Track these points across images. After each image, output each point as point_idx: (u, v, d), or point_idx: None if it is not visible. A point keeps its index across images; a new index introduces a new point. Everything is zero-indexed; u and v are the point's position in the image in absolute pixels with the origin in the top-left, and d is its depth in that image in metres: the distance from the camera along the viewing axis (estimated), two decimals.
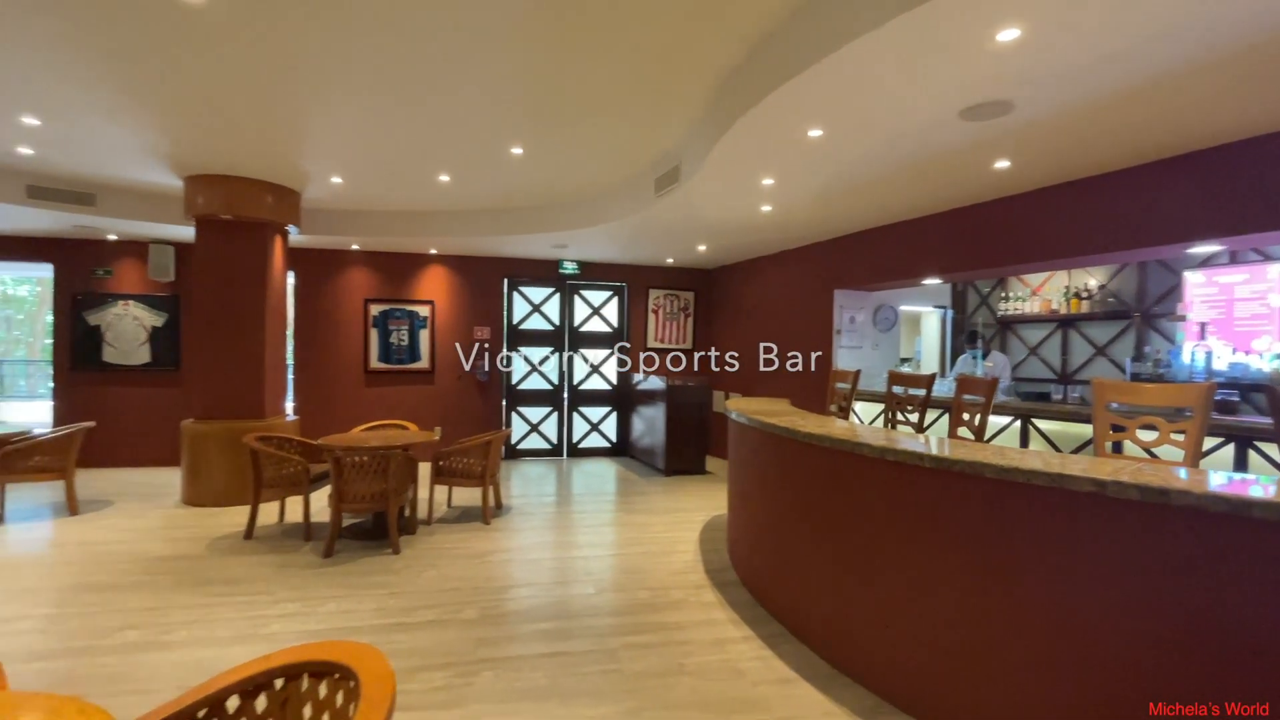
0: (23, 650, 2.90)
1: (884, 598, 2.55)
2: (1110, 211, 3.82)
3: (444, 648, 2.99)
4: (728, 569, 4.10)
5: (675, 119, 4.03)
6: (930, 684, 2.35)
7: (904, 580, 2.46)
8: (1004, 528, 2.11)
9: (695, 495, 6.13)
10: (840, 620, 2.79)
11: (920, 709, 2.38)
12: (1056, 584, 1.96)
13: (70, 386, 7.00)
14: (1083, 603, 1.89)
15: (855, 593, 2.70)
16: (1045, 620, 1.98)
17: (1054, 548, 1.97)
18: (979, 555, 2.18)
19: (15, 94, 3.71)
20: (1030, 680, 2.02)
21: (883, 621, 2.55)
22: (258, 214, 5.49)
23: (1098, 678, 1.85)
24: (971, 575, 2.20)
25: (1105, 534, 1.85)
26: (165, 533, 4.70)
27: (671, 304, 8.45)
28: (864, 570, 2.66)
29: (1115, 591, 1.83)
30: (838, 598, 2.81)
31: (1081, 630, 1.89)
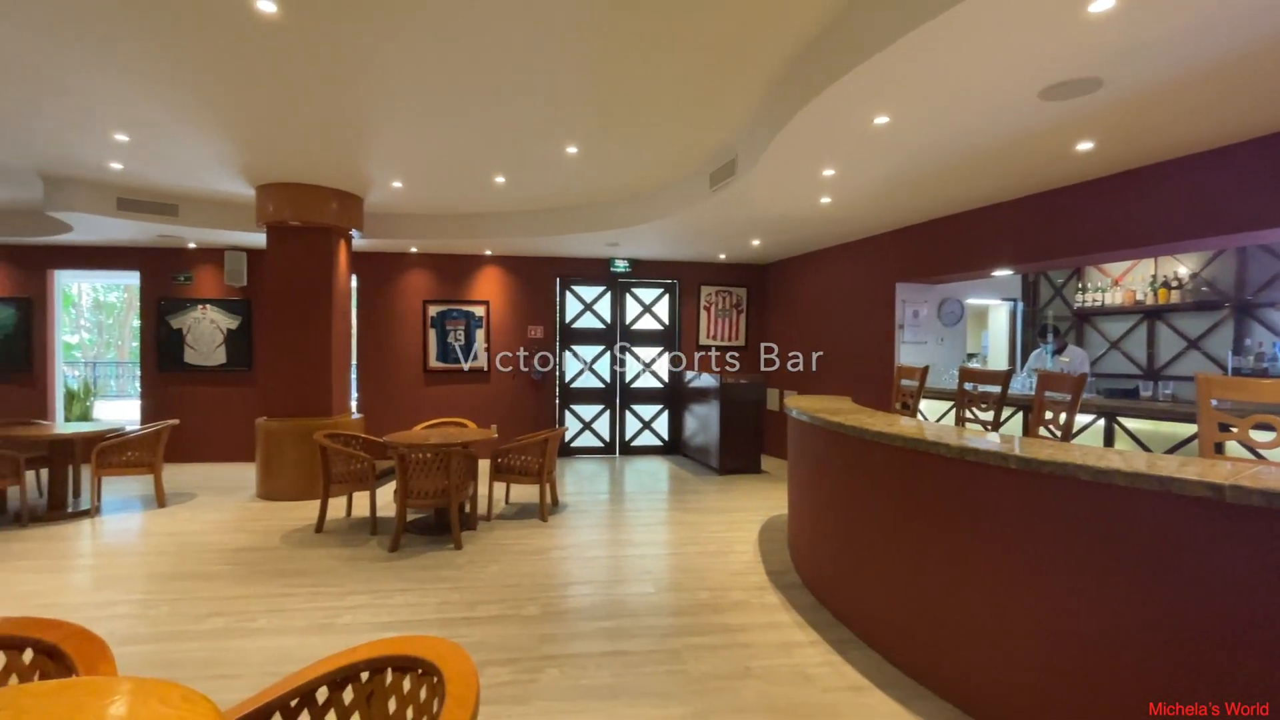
0: (122, 634, 3.08)
1: (965, 605, 2.43)
2: (1205, 194, 3.54)
3: (508, 643, 3.02)
4: (789, 571, 4.00)
5: (732, 112, 3.96)
6: (1016, 698, 2.21)
7: (987, 588, 2.33)
8: (1101, 535, 1.96)
9: (751, 495, 6.03)
10: (917, 627, 2.67)
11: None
12: (1159, 594, 1.81)
13: (156, 386, 7.45)
14: (1192, 615, 1.74)
15: (933, 599, 2.58)
16: (1143, 634, 1.84)
17: (1158, 556, 1.82)
18: (1072, 563, 2.04)
19: (108, 112, 3.95)
20: (1129, 698, 1.87)
21: (964, 630, 2.43)
22: (323, 220, 5.70)
23: (1208, 692, 1.70)
24: (1063, 584, 2.06)
25: (1222, 542, 1.70)
26: (243, 525, 4.93)
27: (724, 300, 8.35)
28: (943, 576, 2.54)
29: (1234, 603, 1.67)
30: (913, 604, 2.69)
31: (1190, 642, 1.74)
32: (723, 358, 8.36)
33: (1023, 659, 2.19)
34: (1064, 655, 2.06)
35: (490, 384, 7.93)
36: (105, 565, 4.06)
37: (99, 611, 3.34)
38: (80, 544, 4.46)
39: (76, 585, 3.73)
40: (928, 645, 2.61)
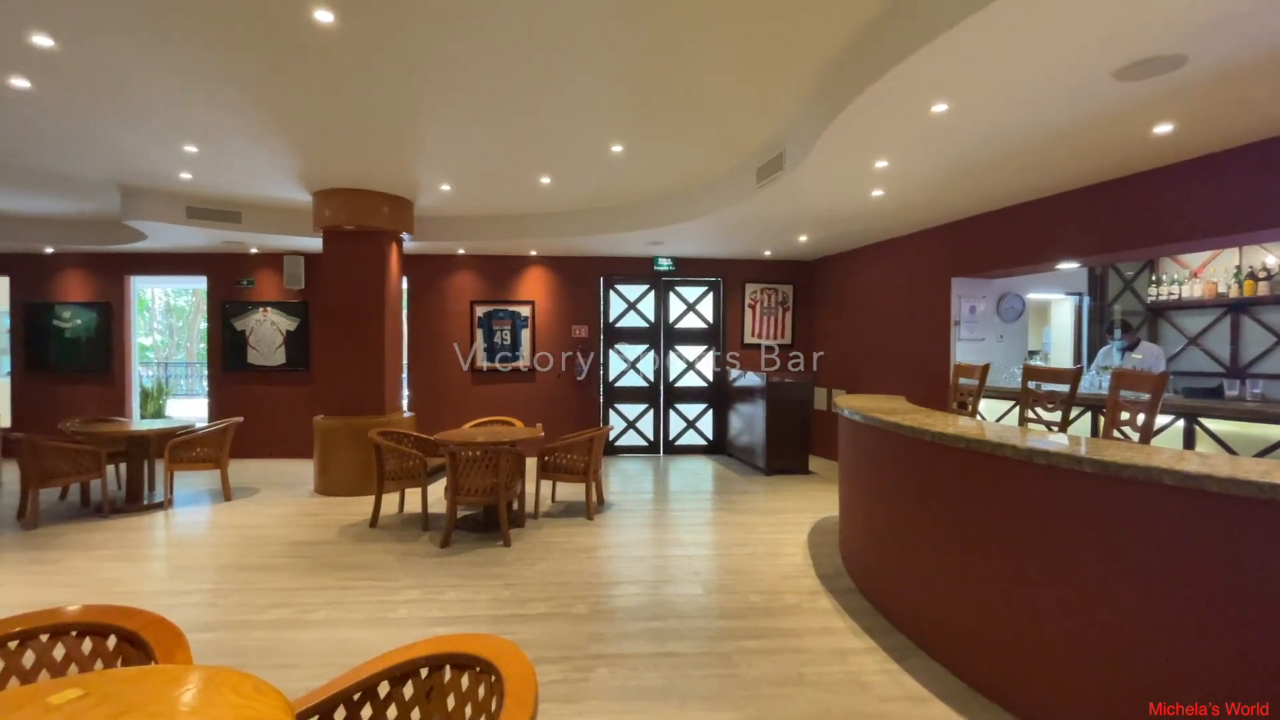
0: (193, 621, 3.23)
1: (1033, 615, 2.30)
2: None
3: (558, 641, 3.03)
4: (841, 574, 3.90)
5: (781, 105, 3.87)
6: (1088, 714, 2.08)
7: (1057, 597, 2.20)
8: (1191, 544, 1.82)
9: (800, 496, 5.91)
10: (981, 637, 2.55)
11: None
12: (1255, 611, 1.67)
13: (221, 385, 7.82)
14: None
15: (998, 608, 2.46)
16: (1237, 648, 1.70)
17: (1258, 569, 1.68)
18: (1156, 574, 1.90)
19: (179, 124, 4.15)
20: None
21: (1032, 641, 2.30)
22: (376, 223, 5.86)
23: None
24: (1143, 596, 1.93)
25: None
26: (302, 519, 5.11)
27: (769, 298, 8.22)
28: (1009, 584, 2.41)
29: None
30: (977, 612, 2.57)
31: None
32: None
33: (1096, 674, 2.06)
34: (1144, 672, 1.93)
35: (536, 383, 8.02)
36: (178, 555, 4.27)
37: (174, 600, 3.51)
38: (155, 534, 4.71)
39: (153, 574, 3.93)
40: (993, 656, 2.49)
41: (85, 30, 2.98)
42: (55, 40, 3.06)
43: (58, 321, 7.70)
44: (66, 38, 3.05)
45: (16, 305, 7.74)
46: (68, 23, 2.91)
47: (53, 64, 3.30)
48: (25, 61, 3.27)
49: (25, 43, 3.07)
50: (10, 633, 1.56)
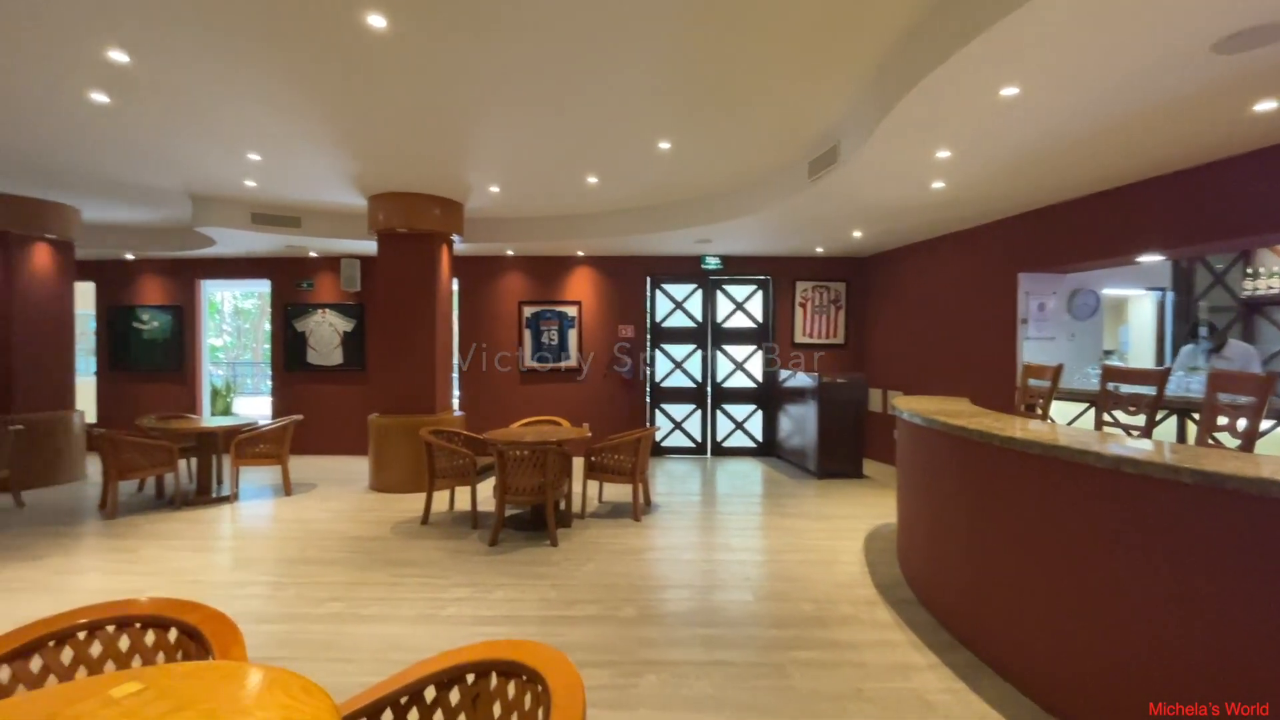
0: (254, 613, 3.33)
1: (1119, 637, 2.11)
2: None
3: (606, 645, 2.98)
4: (900, 584, 3.72)
5: (835, 96, 3.73)
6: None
7: (1147, 618, 2.01)
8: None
9: (853, 501, 5.70)
10: (1059, 658, 2.36)
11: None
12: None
13: (284, 384, 8.14)
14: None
15: (1077, 627, 2.27)
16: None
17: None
18: (1267, 594, 1.70)
19: (243, 133, 4.32)
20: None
21: (1117, 666, 2.11)
22: (428, 226, 5.97)
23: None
24: (1251, 616, 1.72)
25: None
26: (358, 515, 5.24)
27: (821, 296, 7.99)
28: (1090, 602, 2.22)
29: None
30: (1053, 631, 2.38)
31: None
32: (813, 356, 7.99)
33: (1193, 704, 1.86)
34: (1255, 702, 1.73)
35: (583, 383, 8.03)
36: (242, 548, 4.43)
37: (237, 591, 3.64)
38: (222, 527, 4.91)
39: (219, 565, 4.09)
40: (1071, 679, 2.30)
41: (156, 45, 3.11)
42: (130, 56, 3.21)
43: (137, 324, 8.18)
44: (140, 53, 3.19)
45: (101, 309, 8.27)
46: (141, 38, 3.04)
47: (128, 79, 3.47)
48: (104, 77, 3.45)
49: (104, 59, 3.23)
50: (79, 623, 1.61)
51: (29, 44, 3.09)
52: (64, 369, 6.47)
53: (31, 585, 3.72)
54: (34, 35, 3.00)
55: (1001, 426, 2.81)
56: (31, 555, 4.22)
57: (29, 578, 3.83)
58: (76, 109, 3.88)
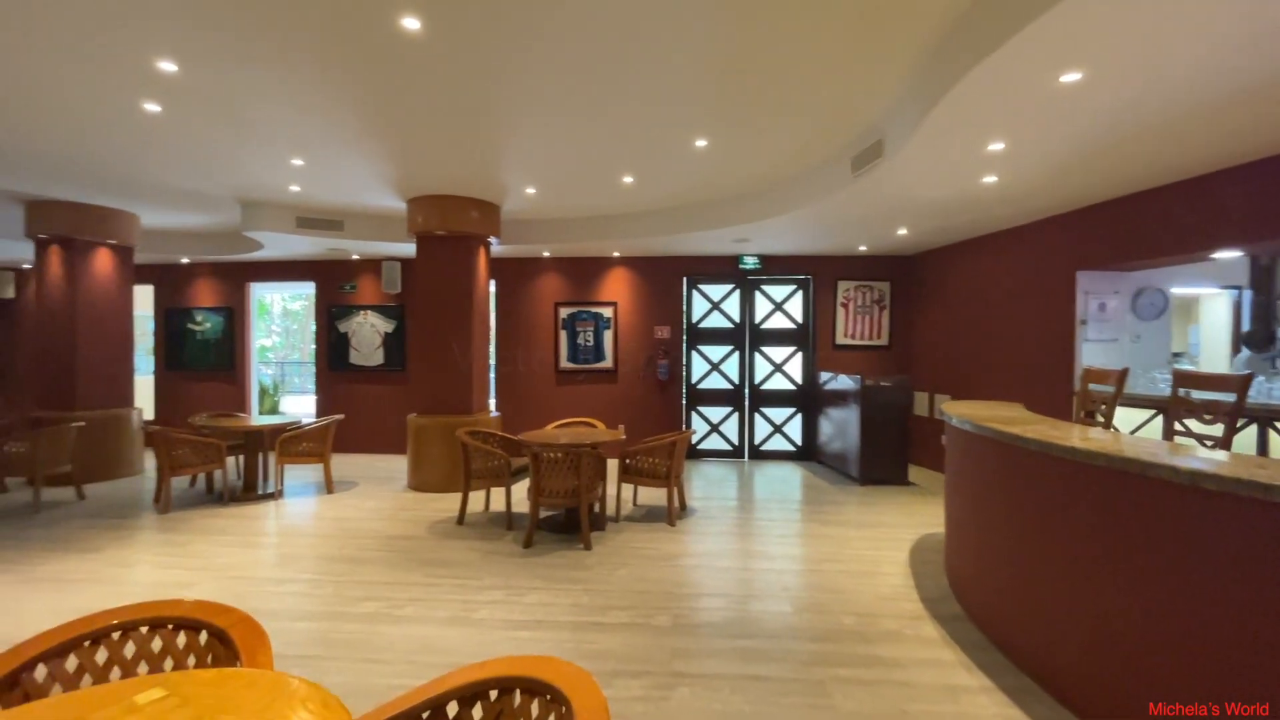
0: (293, 610, 3.38)
1: (1192, 663, 1.92)
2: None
3: (639, 654, 2.91)
4: (948, 599, 3.53)
5: (879, 89, 3.57)
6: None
7: (1232, 645, 1.82)
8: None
9: (898, 509, 5.49)
10: (1122, 685, 2.18)
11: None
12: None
13: (328, 384, 8.34)
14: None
15: (1147, 655, 2.09)
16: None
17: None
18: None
19: (288, 139, 4.41)
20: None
21: (1194, 695, 1.92)
22: (465, 228, 6.01)
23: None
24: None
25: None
26: (395, 514, 5.31)
27: (864, 296, 7.74)
28: (1162, 625, 2.04)
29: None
30: (1120, 656, 2.20)
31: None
32: (855, 358, 7.75)
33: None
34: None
35: (618, 384, 7.99)
36: (284, 544, 4.52)
37: (278, 587, 3.71)
38: (267, 524, 5.04)
39: (262, 561, 4.18)
40: (1140, 710, 2.11)
41: (201, 54, 3.18)
42: (178, 65, 3.30)
43: (191, 325, 8.51)
44: (187, 62, 3.27)
45: (158, 310, 8.63)
46: (187, 47, 3.11)
47: (177, 88, 3.57)
48: (154, 86, 3.55)
49: (154, 68, 3.33)
50: (114, 624, 1.62)
51: (86, 58, 3.20)
52: (124, 368, 6.76)
53: (88, 577, 3.87)
54: (90, 49, 3.11)
55: (1060, 435, 2.63)
56: (90, 547, 4.40)
57: (86, 569, 3.98)
58: (131, 119, 4.02)
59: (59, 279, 6.29)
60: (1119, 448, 2.29)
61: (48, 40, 3.04)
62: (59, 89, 3.59)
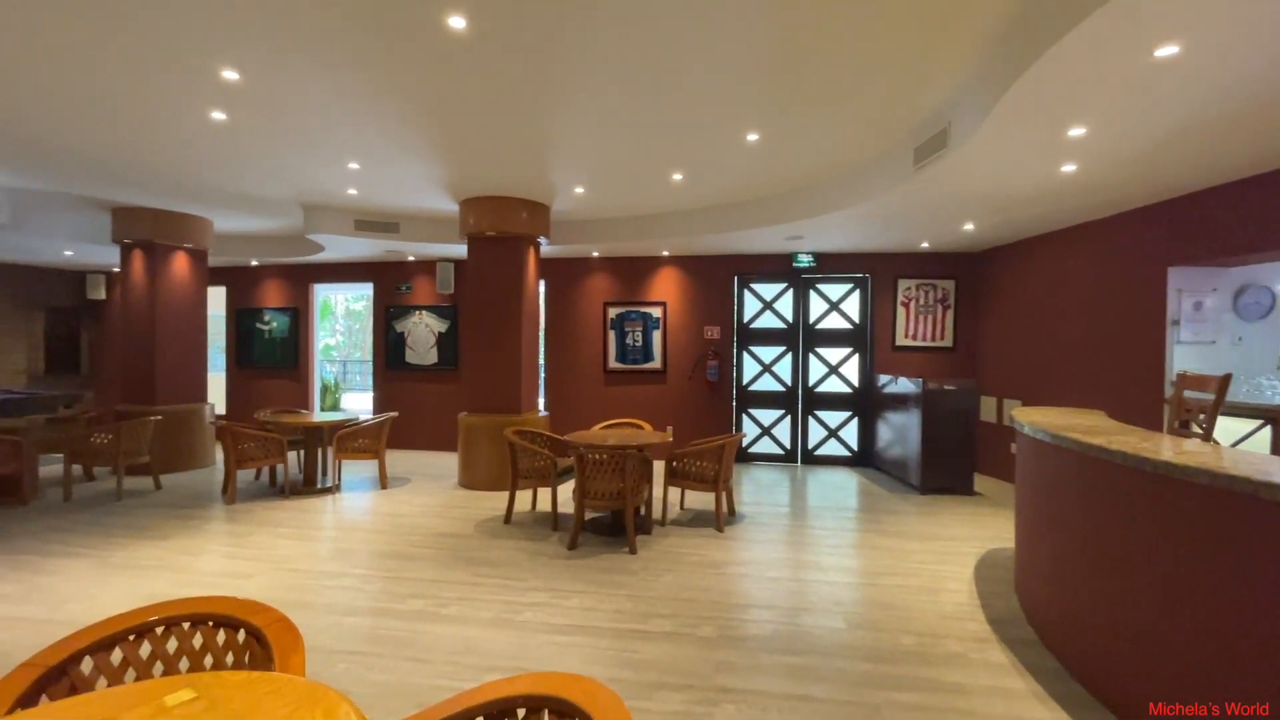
0: (343, 605, 3.44)
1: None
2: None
3: (682, 666, 2.81)
4: (1019, 621, 3.27)
5: (945, 73, 3.34)
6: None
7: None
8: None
9: (962, 520, 5.17)
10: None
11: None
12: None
13: (385, 382, 8.59)
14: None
15: (1255, 691, 1.83)
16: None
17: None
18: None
19: (345, 144, 4.51)
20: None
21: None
22: (515, 229, 6.05)
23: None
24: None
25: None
26: (445, 511, 5.38)
27: (926, 295, 7.37)
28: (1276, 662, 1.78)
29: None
30: (1222, 691, 1.94)
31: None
32: (917, 360, 7.38)
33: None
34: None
35: (666, 385, 7.89)
36: (339, 538, 4.64)
37: (330, 581, 3.79)
38: (323, 517, 5.19)
39: (317, 554, 4.29)
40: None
41: (263, 63, 3.27)
42: (239, 74, 3.41)
43: (259, 324, 8.93)
44: (250, 71, 3.37)
45: (230, 310, 9.10)
46: (250, 56, 3.21)
47: (240, 96, 3.69)
48: (220, 95, 3.69)
49: (219, 78, 3.45)
50: (158, 619, 1.64)
51: (158, 71, 3.34)
52: (198, 365, 7.14)
53: (159, 564, 4.06)
54: (162, 59, 3.24)
55: (1151, 447, 2.36)
56: (161, 535, 4.63)
57: (157, 556, 4.19)
58: (200, 128, 4.20)
59: (140, 281, 6.69)
60: (1224, 463, 2.03)
61: (124, 53, 3.19)
62: (137, 100, 3.77)
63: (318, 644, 2.97)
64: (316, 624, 3.20)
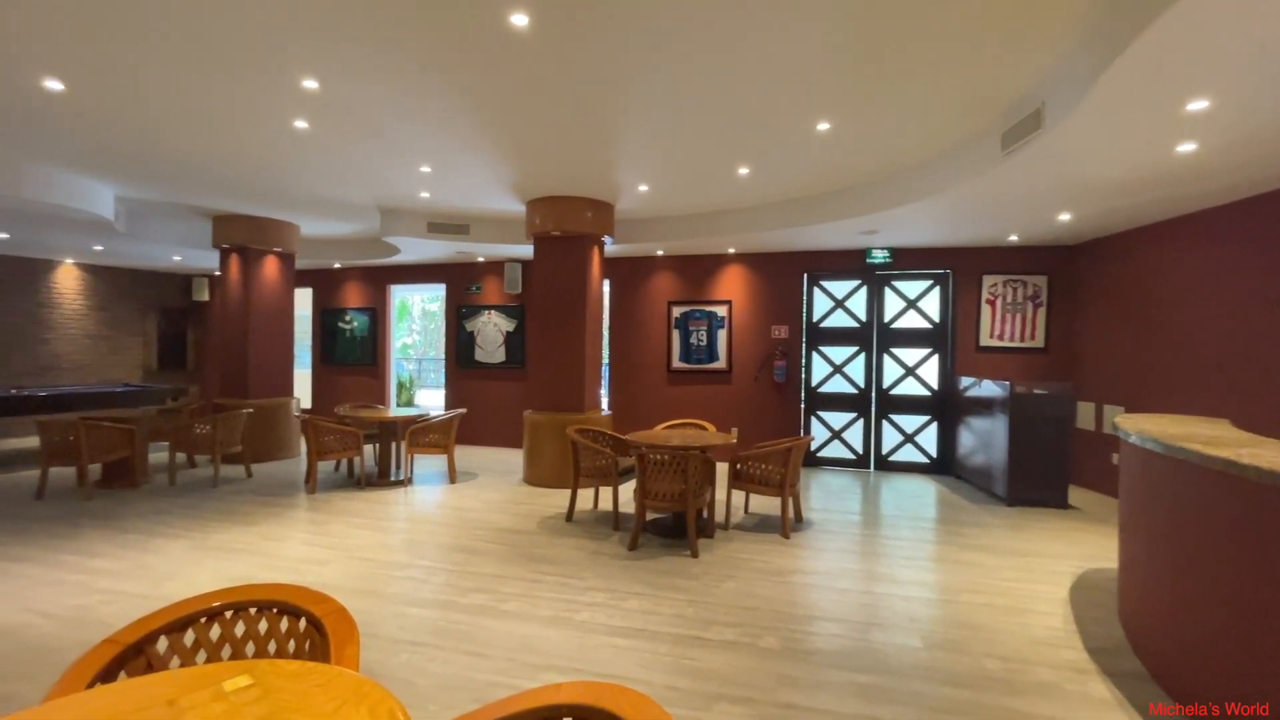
0: (409, 596, 3.52)
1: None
2: None
3: (742, 677, 2.68)
4: (1124, 652, 2.94)
5: (1038, 48, 3.06)
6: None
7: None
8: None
9: (1055, 536, 4.75)
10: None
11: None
12: None
13: (455, 380, 8.86)
14: None
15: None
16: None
17: None
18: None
19: (416, 146, 4.65)
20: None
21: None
22: (580, 228, 6.07)
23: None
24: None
25: None
26: (509, 507, 5.45)
27: (1015, 292, 6.85)
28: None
29: None
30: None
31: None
32: (1004, 361, 6.87)
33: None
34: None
35: (731, 385, 7.72)
36: (408, 530, 4.79)
37: (398, 572, 3.90)
38: (395, 509, 5.37)
39: (387, 545, 4.43)
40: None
41: (341, 72, 3.40)
42: (319, 83, 3.56)
43: (341, 324, 9.42)
44: (328, 80, 3.52)
45: (315, 311, 9.65)
46: (327, 66, 3.34)
47: (320, 105, 3.86)
48: (302, 105, 3.87)
49: (300, 88, 3.62)
50: (228, 603, 1.70)
51: (247, 84, 3.54)
52: (285, 362, 7.59)
53: (246, 548, 4.31)
54: (248, 75, 3.43)
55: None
56: (250, 521, 4.93)
57: (245, 541, 4.45)
58: (284, 137, 4.44)
59: (236, 283, 7.18)
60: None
61: (218, 69, 3.39)
62: (230, 113, 4.02)
63: (383, 633, 3.05)
64: (383, 613, 3.28)
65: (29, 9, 2.82)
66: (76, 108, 3.95)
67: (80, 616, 3.21)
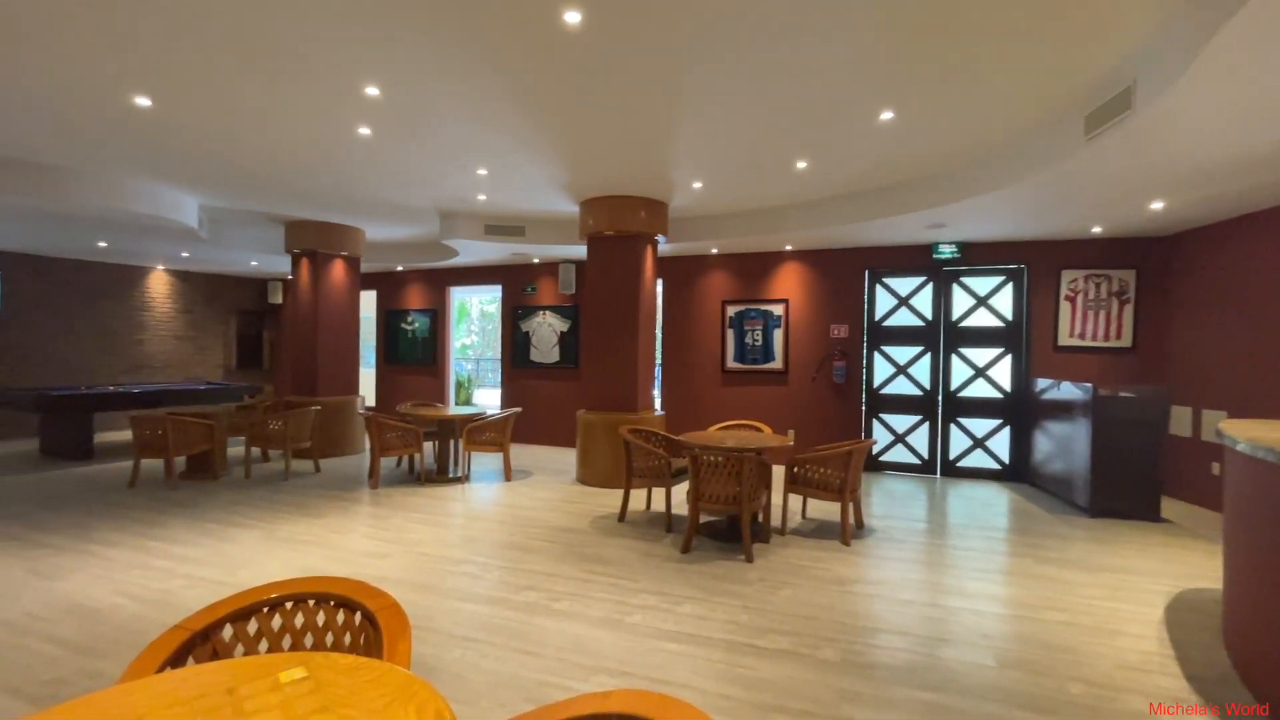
0: (464, 591, 3.57)
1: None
2: None
3: (800, 689, 2.57)
4: (1230, 682, 2.66)
5: (1127, 21, 2.81)
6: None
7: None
8: None
9: (1146, 552, 4.38)
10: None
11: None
12: None
13: (511, 380, 9.01)
14: None
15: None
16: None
17: None
18: None
19: (473, 149, 4.74)
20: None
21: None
22: (633, 228, 6.04)
23: None
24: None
25: None
26: (562, 506, 5.47)
27: (1097, 288, 6.38)
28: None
29: None
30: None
31: None
32: (1085, 361, 6.41)
33: None
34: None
35: (788, 386, 7.52)
36: (465, 526, 4.87)
37: (453, 567, 3.96)
38: (453, 505, 5.49)
39: (444, 540, 4.52)
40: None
41: (400, 77, 3.49)
42: (379, 89, 3.66)
43: (404, 325, 9.75)
44: (389, 87, 3.61)
45: (379, 312, 10.02)
46: (387, 72, 3.43)
47: (381, 111, 3.98)
48: (365, 112, 4.00)
49: (363, 94, 3.73)
50: (288, 594, 1.74)
51: (313, 93, 3.68)
52: (351, 362, 7.91)
53: (313, 540, 4.48)
54: (314, 83, 3.56)
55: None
56: (317, 514, 5.13)
57: (312, 533, 4.63)
58: (349, 144, 4.60)
59: (306, 287, 7.52)
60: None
61: (287, 80, 3.54)
62: (298, 122, 4.19)
63: (439, 627, 3.09)
64: (439, 607, 3.34)
65: (119, 31, 3.00)
66: (163, 122, 4.21)
67: (163, 600, 3.40)
